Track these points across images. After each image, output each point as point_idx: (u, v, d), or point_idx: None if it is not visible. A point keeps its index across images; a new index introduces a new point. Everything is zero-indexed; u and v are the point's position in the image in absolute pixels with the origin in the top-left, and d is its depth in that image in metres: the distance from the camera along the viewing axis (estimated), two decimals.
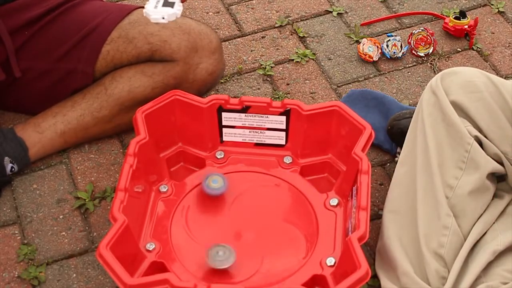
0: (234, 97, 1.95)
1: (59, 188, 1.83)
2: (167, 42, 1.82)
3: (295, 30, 2.22)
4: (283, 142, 1.77)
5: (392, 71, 2.10)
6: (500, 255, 1.47)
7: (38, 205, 1.79)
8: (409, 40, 2.13)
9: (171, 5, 1.55)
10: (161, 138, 1.73)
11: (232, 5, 2.31)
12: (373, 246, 1.66)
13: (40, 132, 1.84)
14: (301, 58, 2.13)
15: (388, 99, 1.92)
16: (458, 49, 2.15)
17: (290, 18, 2.26)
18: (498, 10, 2.26)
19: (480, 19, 2.23)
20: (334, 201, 1.68)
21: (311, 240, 1.62)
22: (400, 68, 2.11)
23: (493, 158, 1.54)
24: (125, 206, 1.52)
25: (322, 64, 2.12)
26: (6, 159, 1.79)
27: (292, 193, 1.71)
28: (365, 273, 1.40)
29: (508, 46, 2.16)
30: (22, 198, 1.81)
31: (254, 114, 1.74)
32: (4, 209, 1.79)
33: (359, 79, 2.08)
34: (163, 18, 1.55)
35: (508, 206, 1.56)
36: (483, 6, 2.28)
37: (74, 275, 1.66)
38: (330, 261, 1.55)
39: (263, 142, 1.78)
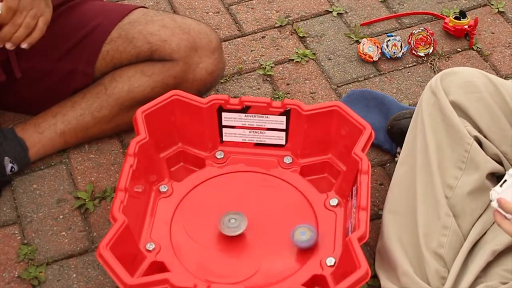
0: (234, 97, 1.95)
1: (59, 188, 1.83)
2: (167, 41, 1.82)
3: (295, 30, 2.22)
4: (283, 142, 1.77)
5: (392, 71, 2.10)
6: (499, 255, 1.47)
7: (38, 205, 1.79)
8: (409, 40, 2.13)
9: None
10: (161, 138, 1.73)
11: (232, 5, 2.31)
12: (373, 246, 1.66)
13: (40, 132, 1.84)
14: (301, 58, 2.13)
15: (388, 99, 1.92)
16: (458, 49, 2.15)
17: (290, 18, 2.26)
18: (498, 10, 2.26)
19: (480, 19, 2.23)
20: (334, 201, 1.68)
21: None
22: (400, 68, 2.11)
23: (492, 158, 1.54)
24: (125, 206, 1.52)
25: (322, 64, 2.12)
26: (6, 159, 1.79)
27: (292, 193, 1.71)
28: (365, 273, 1.40)
29: (508, 46, 2.16)
30: (22, 198, 1.81)
31: (254, 114, 1.74)
32: (4, 209, 1.79)
33: (359, 79, 2.08)
34: None
35: None
36: (483, 6, 2.28)
37: (74, 275, 1.66)
38: (330, 261, 1.55)
39: (263, 142, 1.78)
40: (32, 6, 1.61)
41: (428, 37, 2.11)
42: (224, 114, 1.74)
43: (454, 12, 2.21)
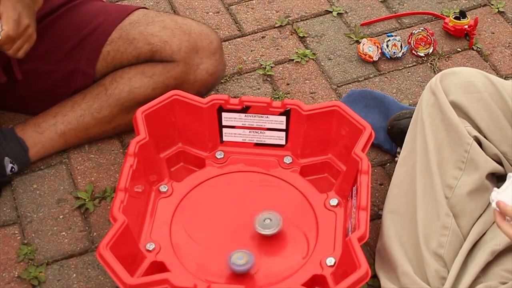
0: (234, 97, 1.95)
1: (59, 188, 1.83)
2: (168, 42, 1.82)
3: (295, 30, 2.22)
4: (283, 142, 1.77)
5: (392, 71, 2.10)
6: (499, 255, 1.47)
7: (38, 205, 1.79)
8: (409, 40, 2.13)
9: None
10: (161, 138, 1.73)
11: (232, 5, 2.31)
12: (373, 246, 1.66)
13: (40, 133, 1.84)
14: (301, 58, 2.13)
15: (388, 99, 1.92)
16: (458, 49, 2.15)
17: (290, 18, 2.26)
18: (498, 10, 2.26)
19: (480, 19, 2.23)
20: (334, 201, 1.68)
21: (311, 240, 1.62)
22: (400, 68, 2.11)
23: (492, 159, 1.54)
24: (125, 206, 1.53)
25: (322, 64, 2.12)
26: (6, 159, 1.79)
27: (292, 193, 1.71)
28: (365, 273, 1.40)
29: (508, 46, 2.16)
30: (22, 198, 1.81)
31: (254, 114, 1.74)
32: (4, 209, 1.79)
33: (359, 79, 2.08)
34: None
35: None
36: (483, 6, 2.28)
37: (74, 275, 1.66)
38: (330, 261, 1.55)
39: (263, 142, 1.78)
40: (25, 33, 1.66)
41: (428, 37, 2.11)
42: (224, 114, 1.74)
43: (454, 12, 2.21)
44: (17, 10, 1.63)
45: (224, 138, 1.78)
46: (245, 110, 1.74)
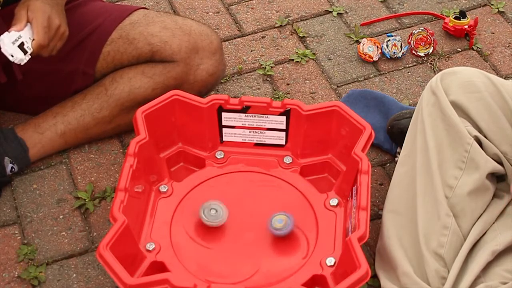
0: (234, 97, 1.95)
1: (59, 188, 1.83)
2: (168, 43, 1.82)
3: (295, 30, 2.22)
4: (283, 142, 1.77)
5: (392, 71, 2.10)
6: (499, 255, 1.47)
7: (38, 205, 1.79)
8: (409, 40, 2.13)
9: (24, 52, 1.63)
10: (161, 138, 1.73)
11: (232, 5, 2.31)
12: (373, 246, 1.66)
13: (40, 133, 1.84)
14: (301, 58, 2.13)
15: (388, 99, 1.92)
16: (458, 49, 2.15)
17: (290, 18, 2.26)
18: (498, 10, 2.26)
19: (480, 19, 2.23)
20: (334, 201, 1.68)
21: (311, 240, 1.62)
22: (400, 68, 2.11)
23: (492, 158, 1.54)
24: (125, 206, 1.53)
25: (322, 64, 2.12)
26: (6, 159, 1.79)
27: (292, 193, 1.71)
28: (365, 273, 1.40)
29: (508, 46, 2.16)
30: (22, 198, 1.81)
31: (254, 114, 1.74)
32: (4, 209, 1.79)
33: (359, 79, 2.08)
34: (12, 56, 1.63)
35: (508, 206, 1.56)
36: (483, 6, 2.28)
37: (74, 275, 1.66)
38: (330, 261, 1.55)
39: (263, 142, 1.78)
40: (57, 34, 1.69)
41: (428, 37, 2.11)
42: (224, 114, 1.74)
43: (454, 12, 2.21)
44: (46, 13, 1.64)
45: (224, 138, 1.78)
46: (245, 110, 1.74)
